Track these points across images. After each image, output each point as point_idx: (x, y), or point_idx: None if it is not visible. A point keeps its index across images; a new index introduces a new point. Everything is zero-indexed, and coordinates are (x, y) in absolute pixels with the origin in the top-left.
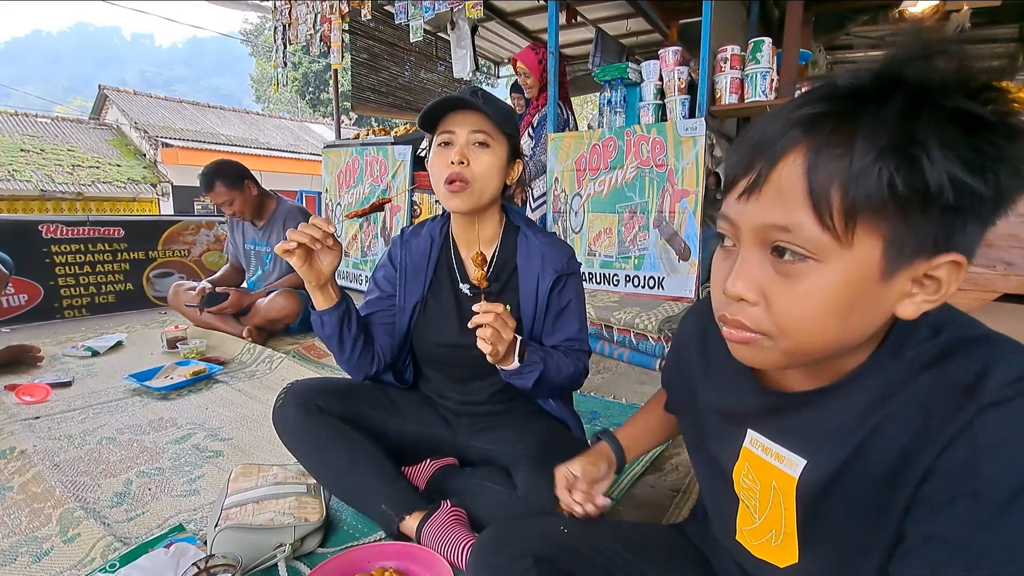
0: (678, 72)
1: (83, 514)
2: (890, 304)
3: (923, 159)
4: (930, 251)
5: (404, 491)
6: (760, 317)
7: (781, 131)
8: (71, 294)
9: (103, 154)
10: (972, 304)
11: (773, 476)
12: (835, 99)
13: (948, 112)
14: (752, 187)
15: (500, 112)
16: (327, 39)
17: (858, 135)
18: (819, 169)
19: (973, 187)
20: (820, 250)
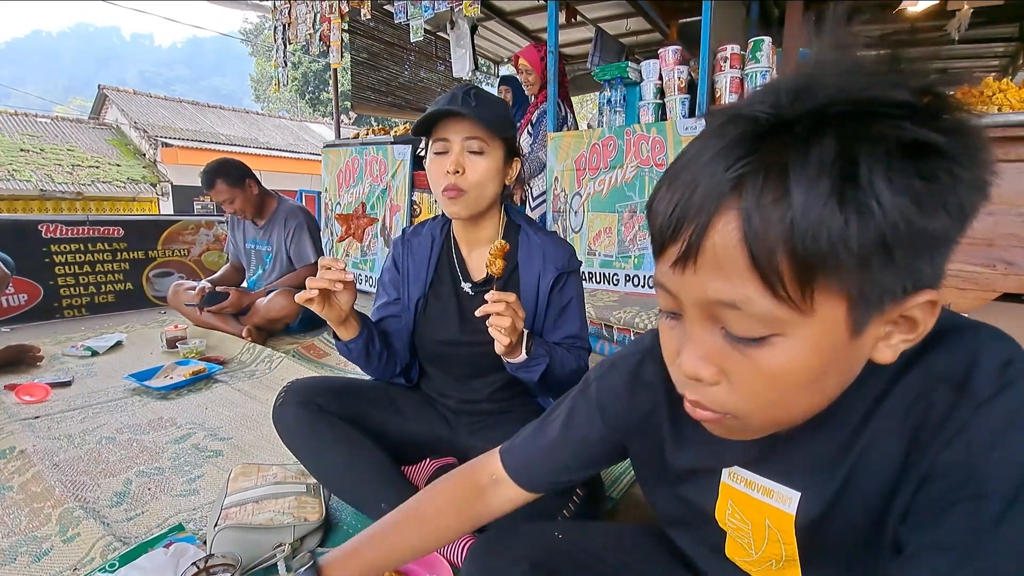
0: (678, 71)
1: (83, 514)
2: (865, 353)
3: (873, 206)
4: (900, 295)
5: (404, 490)
6: (723, 398)
7: (705, 188)
8: (71, 294)
9: (103, 154)
10: (972, 304)
11: (766, 515)
12: (758, 140)
13: (891, 143)
14: (684, 258)
15: (494, 116)
16: (326, 38)
17: (792, 187)
18: (757, 233)
19: (930, 230)
20: (778, 323)
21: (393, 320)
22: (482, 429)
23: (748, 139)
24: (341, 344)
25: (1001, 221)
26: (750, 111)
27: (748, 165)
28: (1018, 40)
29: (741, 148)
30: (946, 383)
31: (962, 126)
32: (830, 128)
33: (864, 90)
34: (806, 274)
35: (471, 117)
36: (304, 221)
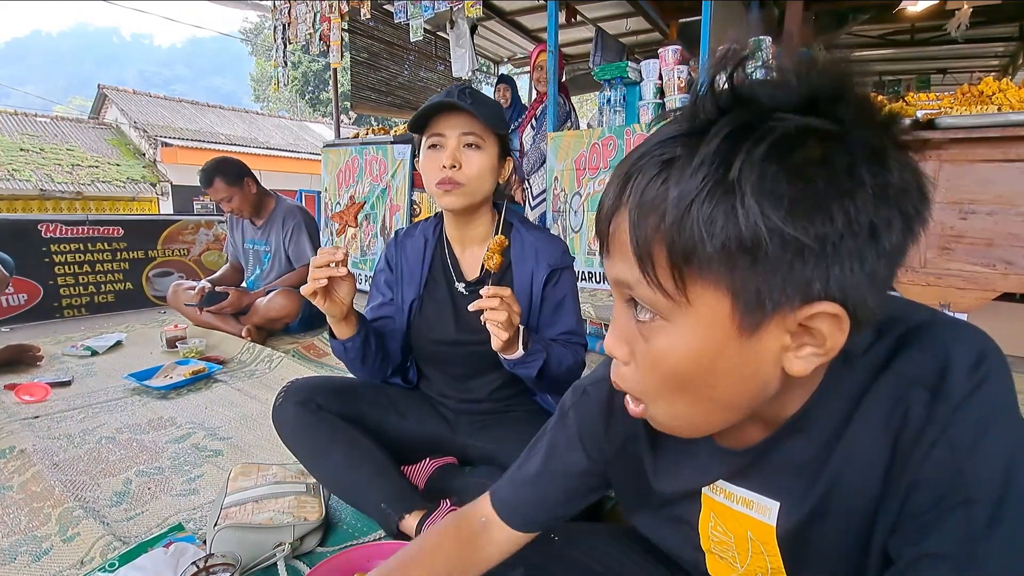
0: (678, 71)
1: (82, 513)
2: (769, 360)
3: (738, 206)
4: (790, 303)
5: (404, 490)
6: (630, 378)
7: (620, 182)
8: (70, 293)
9: (102, 153)
10: (972, 304)
11: (747, 527)
12: (670, 139)
13: (775, 139)
14: (604, 245)
15: (490, 112)
16: (326, 38)
17: (670, 183)
18: (639, 225)
19: (798, 237)
20: (661, 309)
21: (387, 321)
22: (482, 429)
23: (665, 138)
24: (337, 343)
25: (1001, 221)
26: (678, 113)
27: (649, 161)
28: (1018, 40)
29: (658, 140)
30: (921, 386)
31: (854, 140)
32: (724, 126)
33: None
34: (677, 265)
35: (469, 111)
36: (302, 221)
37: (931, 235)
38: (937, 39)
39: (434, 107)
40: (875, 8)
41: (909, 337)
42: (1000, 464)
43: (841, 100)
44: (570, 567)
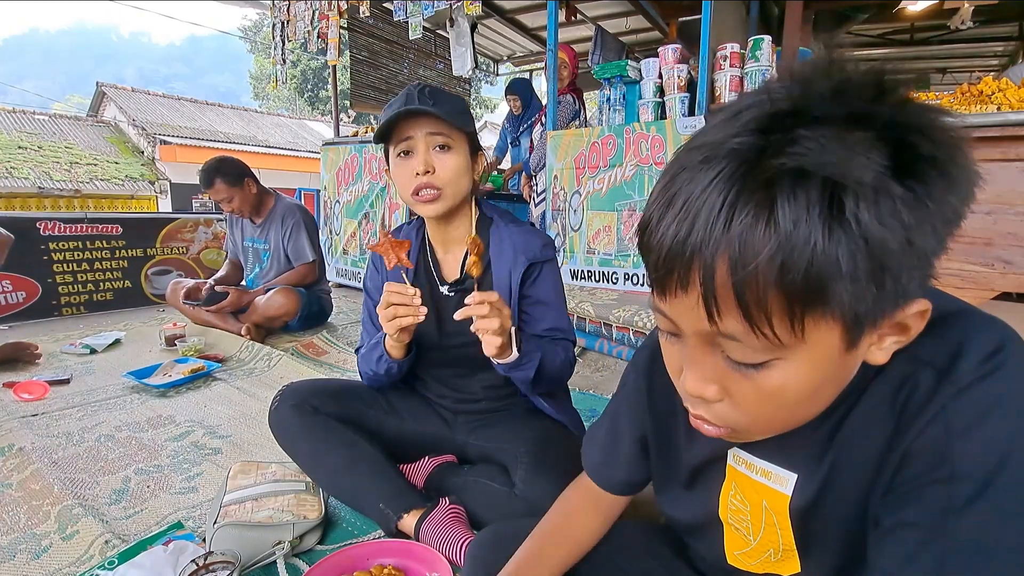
0: (677, 70)
1: (81, 511)
2: (859, 360)
3: (859, 239)
4: (891, 311)
5: (402, 489)
6: (726, 414)
7: (699, 227)
8: (69, 291)
9: (101, 151)
10: (971, 303)
11: (763, 495)
12: (745, 174)
13: (875, 175)
14: (678, 289)
15: (454, 110)
16: (325, 36)
17: (781, 224)
18: (746, 274)
19: (919, 249)
20: (775, 351)
21: None
22: (480, 428)
23: (735, 178)
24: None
25: (1000, 220)
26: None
27: (737, 205)
28: (1017, 39)
29: (729, 187)
30: (930, 367)
31: (945, 161)
32: (814, 161)
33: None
34: (797, 310)
35: (432, 113)
36: (301, 219)
37: None
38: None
39: (397, 114)
40: (875, 7)
41: (935, 324)
42: (992, 450)
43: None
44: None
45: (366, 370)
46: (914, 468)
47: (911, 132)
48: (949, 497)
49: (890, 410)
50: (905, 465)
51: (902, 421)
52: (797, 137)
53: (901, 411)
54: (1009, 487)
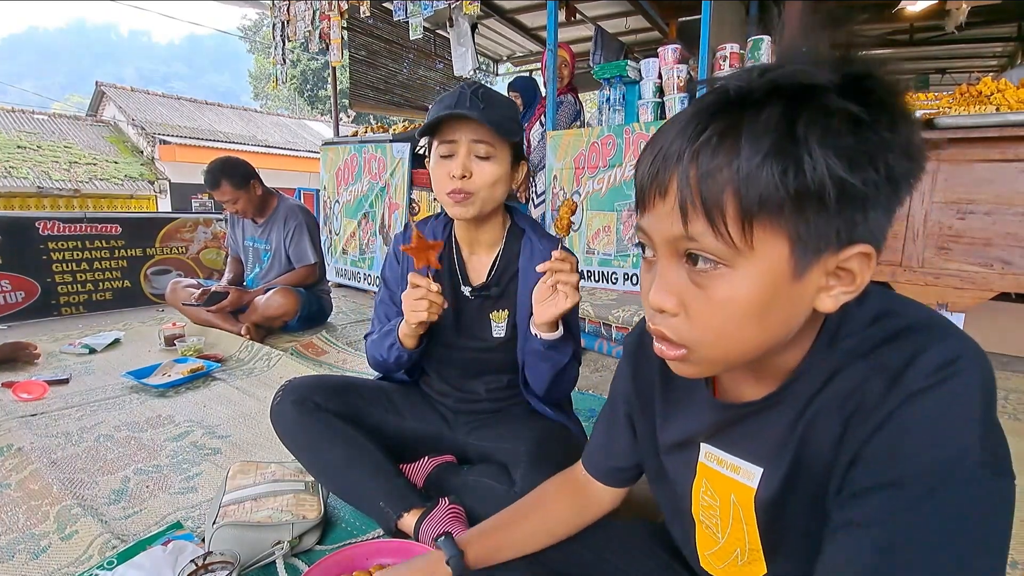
0: (677, 70)
1: (81, 511)
2: (808, 300)
3: (805, 158)
4: (836, 245)
5: (402, 488)
6: (681, 327)
7: (677, 145)
8: (68, 291)
9: (100, 151)
10: (969, 303)
11: (731, 489)
12: (724, 107)
13: (827, 110)
14: (657, 199)
15: (503, 118)
16: (326, 36)
17: (743, 140)
18: (710, 178)
19: (854, 183)
20: (726, 257)
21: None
22: (481, 427)
23: (717, 106)
24: (402, 352)
25: (999, 220)
26: (724, 84)
27: (712, 125)
28: (1016, 40)
29: (709, 112)
30: (884, 373)
31: (890, 103)
32: (779, 98)
33: (809, 74)
34: (746, 215)
35: (480, 121)
36: (304, 221)
37: (929, 235)
38: (936, 39)
39: (444, 116)
40: (874, 8)
41: (898, 333)
42: (938, 457)
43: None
44: (569, 560)
45: (375, 355)
46: (863, 470)
47: (864, 75)
48: (895, 501)
49: (840, 412)
50: (855, 467)
51: (851, 423)
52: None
53: (851, 414)
54: (952, 494)
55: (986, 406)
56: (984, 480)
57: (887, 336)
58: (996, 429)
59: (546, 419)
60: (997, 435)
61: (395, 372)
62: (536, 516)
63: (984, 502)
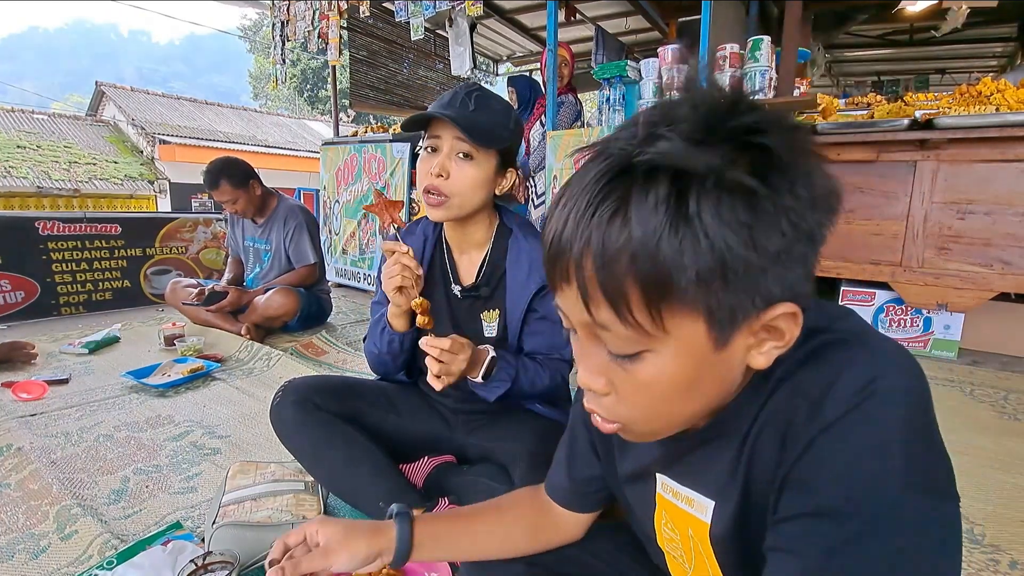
0: (677, 70)
1: (80, 511)
2: (737, 362)
3: (701, 239)
4: (756, 311)
5: (402, 488)
6: (612, 406)
7: (571, 225)
8: (68, 291)
9: (100, 151)
10: (969, 303)
11: (688, 524)
12: (611, 178)
13: (719, 184)
14: (562, 283)
15: (488, 124)
16: (325, 36)
17: (633, 224)
18: (606, 268)
19: (766, 250)
20: (644, 342)
21: None
22: (480, 427)
23: (604, 177)
24: (392, 336)
25: (999, 221)
26: (608, 149)
27: (601, 208)
28: (1016, 40)
29: (597, 186)
30: (807, 400)
31: (785, 165)
32: (666, 168)
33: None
34: (653, 300)
35: (457, 124)
36: (304, 221)
37: (929, 235)
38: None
39: (427, 116)
40: (874, 8)
41: (819, 353)
42: (856, 484)
43: (760, 121)
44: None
45: (371, 348)
46: (788, 497)
47: (754, 136)
48: (815, 530)
49: (775, 440)
50: (782, 492)
51: (783, 451)
52: (658, 138)
53: (782, 442)
54: (873, 522)
55: (911, 424)
56: (910, 504)
57: (809, 355)
58: (928, 448)
59: (545, 418)
60: (930, 455)
61: (392, 367)
62: (491, 519)
63: (912, 527)
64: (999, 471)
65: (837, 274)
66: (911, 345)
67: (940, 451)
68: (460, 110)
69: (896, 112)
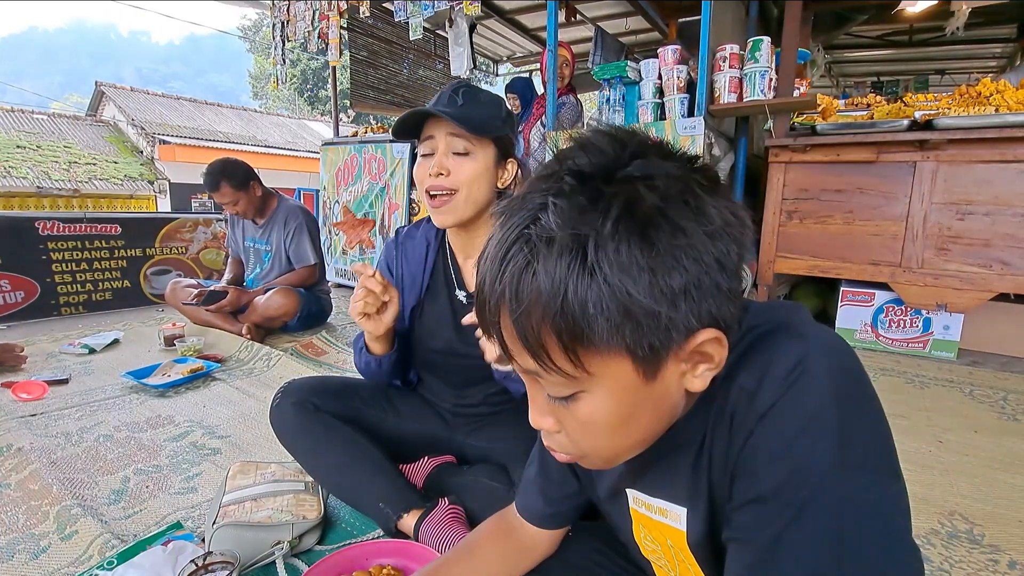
0: (677, 71)
1: (80, 511)
2: (674, 389)
3: (603, 287)
4: (677, 342)
5: (402, 489)
6: (565, 443)
7: (489, 280)
8: (68, 291)
9: (100, 151)
10: (969, 304)
11: (666, 534)
12: (519, 235)
13: (616, 215)
14: (491, 335)
15: (480, 115)
16: (325, 36)
17: (540, 278)
18: (522, 322)
19: (671, 285)
20: (574, 385)
21: None
22: (480, 428)
23: (514, 234)
24: (372, 359)
25: (998, 221)
26: (524, 205)
27: (511, 264)
28: (1016, 40)
29: (507, 244)
30: (746, 393)
31: (675, 206)
32: (570, 210)
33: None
34: (570, 348)
35: (449, 118)
36: (304, 222)
37: (929, 235)
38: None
39: (420, 114)
40: (874, 8)
41: (755, 344)
42: (790, 468)
43: (645, 169)
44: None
45: (357, 361)
46: (737, 488)
47: (642, 183)
48: (759, 516)
49: (726, 436)
50: (732, 487)
51: (731, 445)
52: (558, 193)
53: (730, 437)
54: (810, 504)
55: (840, 404)
56: (846, 483)
57: (745, 350)
58: (862, 426)
59: None
60: (863, 433)
61: (382, 380)
62: (465, 563)
63: (850, 505)
64: (999, 471)
65: (837, 274)
66: (910, 346)
67: (877, 429)
68: (450, 106)
69: (896, 113)
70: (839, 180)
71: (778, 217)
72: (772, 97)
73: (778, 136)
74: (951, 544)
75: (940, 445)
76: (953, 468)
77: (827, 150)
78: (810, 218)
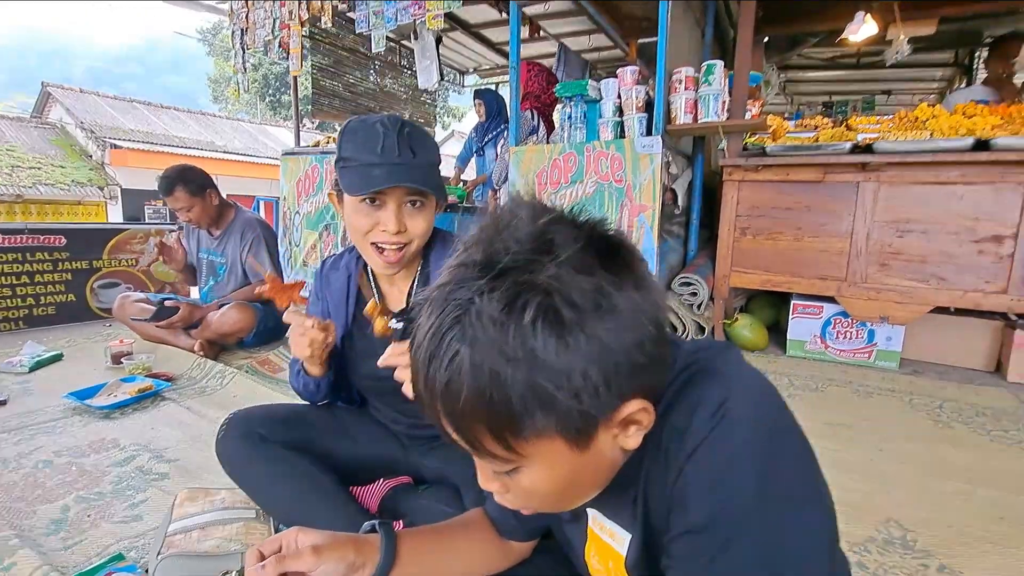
0: (636, 91)
1: (18, 542)
2: (609, 451)
3: (524, 382)
4: (602, 417)
5: (353, 516)
6: (515, 501)
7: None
8: (7, 306)
9: (45, 154)
10: (908, 316)
11: (610, 556)
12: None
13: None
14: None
15: (431, 169)
16: (286, 46)
17: (464, 376)
18: (453, 417)
19: (578, 392)
20: (509, 462)
21: None
22: (433, 449)
23: (444, 330)
24: (309, 381)
25: (934, 239)
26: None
27: (443, 357)
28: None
29: (438, 339)
30: (677, 432)
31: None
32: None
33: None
34: (501, 437)
35: (416, 181)
36: (261, 235)
37: (871, 252)
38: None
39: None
40: (824, 32)
41: (686, 385)
42: (716, 502)
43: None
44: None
45: (295, 382)
46: (673, 519)
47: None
48: (691, 548)
49: (661, 470)
50: (670, 519)
51: (666, 479)
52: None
53: (665, 471)
54: (735, 536)
55: (760, 440)
56: (767, 513)
57: (679, 390)
58: (781, 459)
59: None
60: (783, 465)
61: (320, 398)
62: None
63: (772, 533)
64: (932, 477)
65: (788, 288)
66: (856, 356)
67: (798, 461)
68: (403, 159)
69: (839, 136)
70: (788, 199)
71: (732, 233)
72: (726, 119)
73: (731, 156)
74: (886, 550)
75: (880, 453)
76: (891, 476)
77: (777, 170)
78: (762, 234)
